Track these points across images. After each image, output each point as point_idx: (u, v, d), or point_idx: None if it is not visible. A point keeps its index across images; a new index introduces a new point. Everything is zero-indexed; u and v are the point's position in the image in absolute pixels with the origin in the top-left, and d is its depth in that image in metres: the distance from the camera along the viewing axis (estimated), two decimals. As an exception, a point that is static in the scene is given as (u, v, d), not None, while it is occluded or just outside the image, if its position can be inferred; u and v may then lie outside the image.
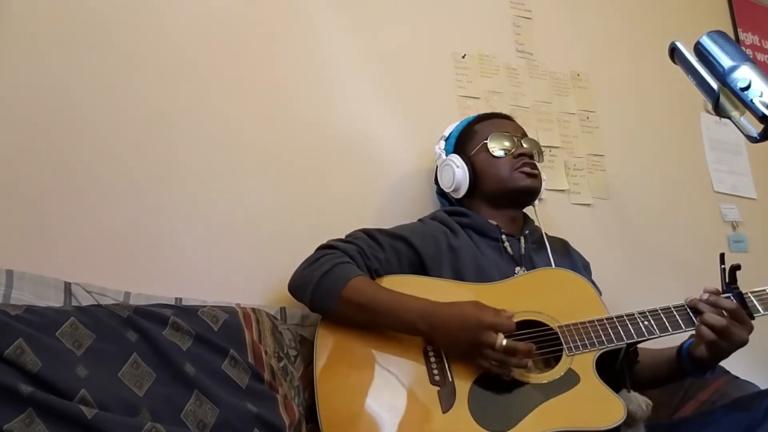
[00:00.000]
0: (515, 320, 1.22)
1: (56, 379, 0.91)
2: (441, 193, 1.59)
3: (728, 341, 1.16)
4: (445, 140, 1.55)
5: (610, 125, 2.05)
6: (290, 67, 1.58)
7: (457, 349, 1.16)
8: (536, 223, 1.52)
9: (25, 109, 1.24)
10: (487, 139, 1.45)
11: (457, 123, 1.56)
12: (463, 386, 1.14)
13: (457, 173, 1.45)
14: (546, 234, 1.49)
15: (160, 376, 1.03)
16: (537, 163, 1.47)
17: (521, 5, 2.01)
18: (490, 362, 1.12)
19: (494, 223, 1.43)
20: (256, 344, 1.17)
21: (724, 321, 1.16)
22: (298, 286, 1.26)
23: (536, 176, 1.44)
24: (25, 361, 0.90)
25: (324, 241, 1.31)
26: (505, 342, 1.11)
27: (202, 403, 1.03)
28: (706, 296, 1.20)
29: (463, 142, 1.50)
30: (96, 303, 1.14)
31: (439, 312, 1.17)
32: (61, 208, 1.24)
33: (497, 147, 1.45)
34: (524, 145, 1.46)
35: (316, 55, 1.62)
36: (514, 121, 1.54)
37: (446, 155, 1.51)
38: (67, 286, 1.14)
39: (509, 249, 1.40)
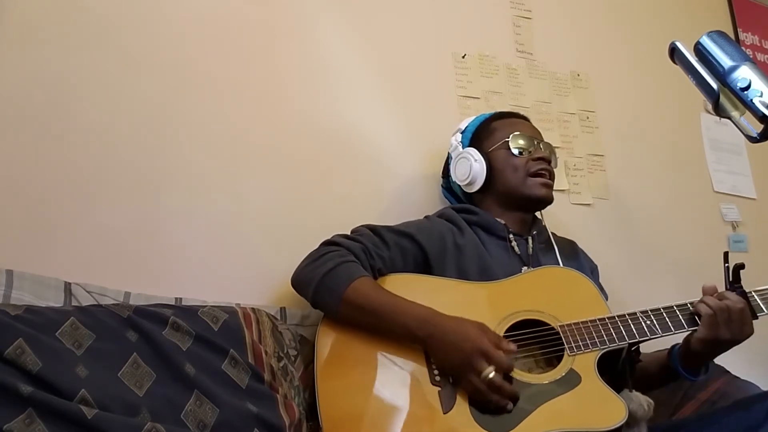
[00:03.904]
0: (517, 320, 1.22)
1: (56, 379, 0.91)
2: (447, 188, 1.58)
3: (727, 327, 1.16)
4: (462, 133, 1.54)
5: (610, 125, 2.05)
6: (290, 67, 1.57)
7: (446, 364, 1.15)
8: (543, 223, 1.51)
9: (25, 109, 1.24)
10: (508, 138, 1.44)
11: (473, 118, 1.56)
12: (463, 387, 1.13)
13: (474, 167, 1.44)
14: (554, 234, 1.48)
15: (160, 376, 1.03)
16: (553, 169, 1.47)
17: (521, 5, 2.01)
18: (472, 388, 1.11)
19: (502, 222, 1.42)
20: (256, 344, 1.17)
21: (722, 303, 1.16)
22: (301, 282, 1.26)
23: (550, 186, 1.44)
24: (25, 361, 0.90)
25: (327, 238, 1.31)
26: (491, 375, 1.09)
27: (202, 403, 1.03)
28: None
29: (480, 137, 1.49)
30: (96, 303, 1.14)
31: (440, 323, 1.15)
32: (61, 208, 1.24)
33: (518, 147, 1.44)
34: (542, 149, 1.45)
35: (316, 55, 1.62)
36: (531, 123, 1.54)
37: (462, 147, 1.50)
38: (67, 286, 1.14)
39: (516, 249, 1.40)
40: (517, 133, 1.45)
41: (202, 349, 1.10)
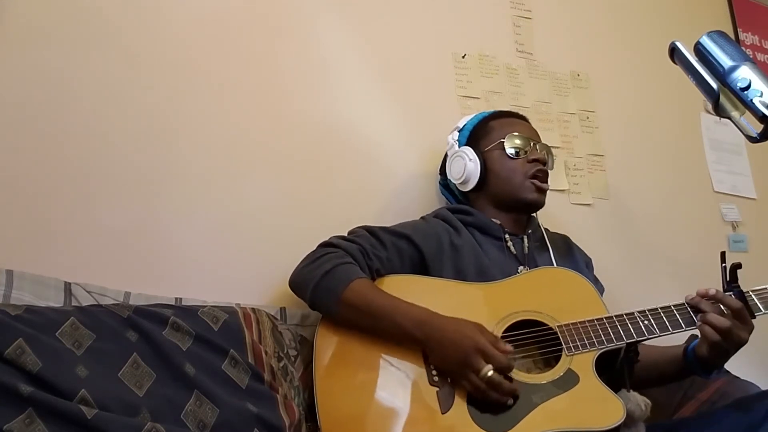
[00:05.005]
0: (515, 320, 1.22)
1: (56, 379, 0.91)
2: (444, 185, 1.58)
3: (729, 342, 1.16)
4: (459, 131, 1.53)
5: (610, 125, 2.05)
6: (290, 66, 1.58)
7: (445, 364, 1.15)
8: (538, 220, 1.51)
9: (25, 108, 1.24)
10: (504, 138, 1.44)
11: (472, 116, 1.56)
12: (462, 387, 1.13)
13: (468, 166, 1.44)
14: (547, 230, 1.49)
15: (160, 376, 1.03)
16: (548, 171, 1.46)
17: (521, 5, 2.01)
18: (472, 387, 1.11)
19: (497, 222, 1.43)
20: (256, 344, 1.17)
21: (727, 322, 1.15)
22: (298, 283, 1.26)
23: (544, 192, 1.44)
24: (25, 361, 0.90)
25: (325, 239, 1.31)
26: (490, 374, 1.09)
27: (202, 403, 1.03)
28: (712, 291, 1.19)
29: (477, 136, 1.49)
30: (96, 303, 1.14)
31: (437, 323, 1.16)
32: (61, 208, 1.24)
33: (513, 148, 1.43)
34: (539, 151, 1.45)
35: (316, 54, 1.62)
36: (529, 123, 1.54)
37: (459, 146, 1.50)
38: (67, 286, 1.14)
39: (512, 248, 1.40)
40: (514, 133, 1.45)
41: (202, 349, 1.10)
